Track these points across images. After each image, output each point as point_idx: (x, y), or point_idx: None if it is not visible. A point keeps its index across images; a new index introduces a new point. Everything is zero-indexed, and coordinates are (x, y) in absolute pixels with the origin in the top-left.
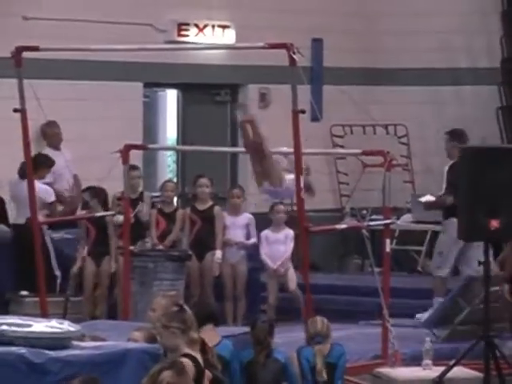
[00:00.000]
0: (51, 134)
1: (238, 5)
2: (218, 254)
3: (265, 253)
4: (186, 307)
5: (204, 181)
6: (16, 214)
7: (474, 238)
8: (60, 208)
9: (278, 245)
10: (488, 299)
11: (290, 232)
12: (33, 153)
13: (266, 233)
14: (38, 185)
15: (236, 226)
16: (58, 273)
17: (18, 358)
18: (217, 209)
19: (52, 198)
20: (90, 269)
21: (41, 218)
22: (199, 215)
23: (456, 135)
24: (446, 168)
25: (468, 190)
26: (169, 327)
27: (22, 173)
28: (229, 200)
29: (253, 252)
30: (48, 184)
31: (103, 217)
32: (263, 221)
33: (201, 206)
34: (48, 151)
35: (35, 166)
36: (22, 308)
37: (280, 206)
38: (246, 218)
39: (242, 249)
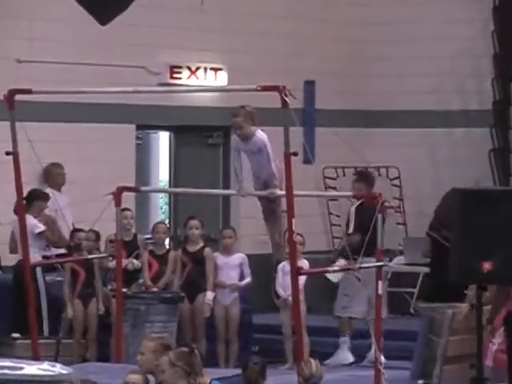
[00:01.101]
0: (55, 174)
1: (230, 47)
2: (209, 295)
3: (279, 283)
4: (196, 352)
5: (194, 222)
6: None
7: (466, 281)
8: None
9: None
10: (481, 345)
11: (306, 264)
12: None
13: (283, 264)
14: (28, 219)
15: (229, 267)
16: (45, 315)
17: None
18: (207, 250)
19: (39, 229)
20: (79, 311)
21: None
22: (190, 257)
23: (364, 176)
24: (353, 208)
25: (460, 232)
26: (175, 365)
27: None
28: (220, 240)
29: (245, 293)
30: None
31: (92, 259)
32: (262, 262)
33: (191, 248)
34: (49, 192)
35: (30, 201)
36: (13, 350)
37: (298, 236)
38: (239, 257)
39: (235, 290)
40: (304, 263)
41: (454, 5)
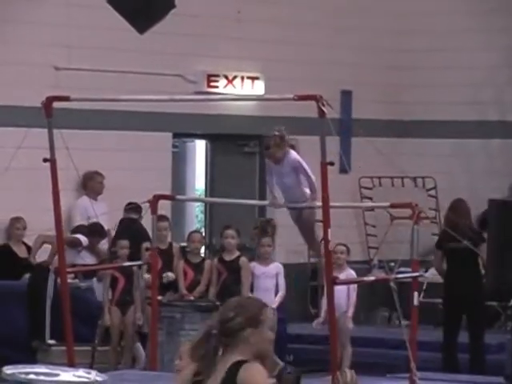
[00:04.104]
0: (94, 182)
1: (267, 56)
2: None
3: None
4: None
5: (230, 232)
6: None
7: (503, 294)
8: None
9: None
10: None
11: (352, 273)
12: (70, 201)
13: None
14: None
15: (266, 276)
16: (48, 320)
17: None
18: (243, 259)
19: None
20: (116, 318)
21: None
22: (225, 266)
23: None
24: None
25: (496, 243)
26: None
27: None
28: (258, 249)
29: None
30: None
31: (131, 267)
32: (298, 271)
33: (227, 257)
34: (86, 200)
35: (92, 233)
36: (49, 357)
37: (339, 246)
38: (275, 267)
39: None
40: (350, 273)
41: (491, 15)
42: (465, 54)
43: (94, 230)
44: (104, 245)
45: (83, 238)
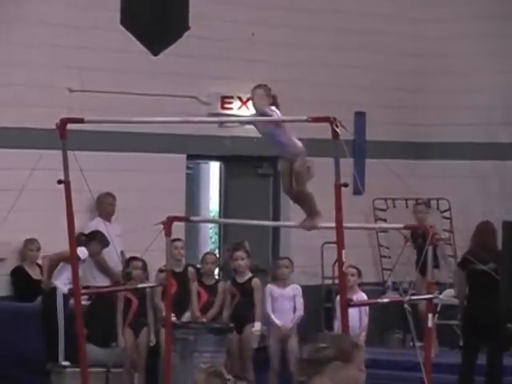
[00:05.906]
0: (106, 204)
1: (280, 78)
2: (257, 325)
3: (338, 317)
4: None
5: (239, 254)
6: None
7: None
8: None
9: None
10: None
11: (363, 296)
12: (84, 223)
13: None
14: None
15: (284, 298)
16: (61, 342)
17: None
18: (255, 281)
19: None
20: (130, 340)
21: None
22: (238, 288)
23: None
24: None
25: (510, 265)
26: None
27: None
28: (276, 270)
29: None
30: None
31: (144, 288)
32: (311, 293)
33: (240, 279)
34: (99, 222)
35: (90, 240)
36: (63, 379)
37: (350, 268)
38: (293, 289)
39: (291, 325)
40: (361, 296)
41: (505, 38)
42: (478, 76)
43: (93, 237)
44: (118, 267)
45: (82, 252)
